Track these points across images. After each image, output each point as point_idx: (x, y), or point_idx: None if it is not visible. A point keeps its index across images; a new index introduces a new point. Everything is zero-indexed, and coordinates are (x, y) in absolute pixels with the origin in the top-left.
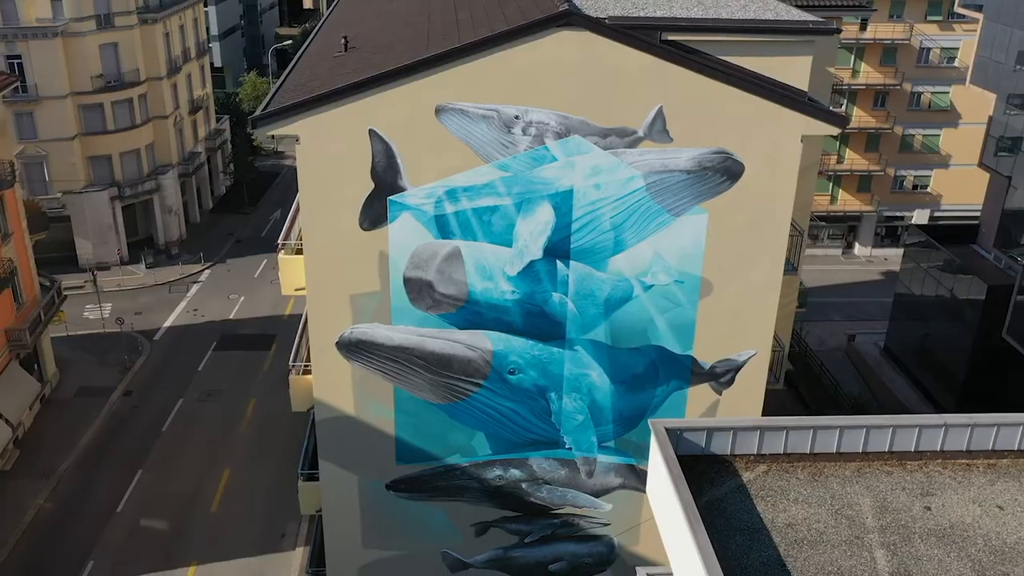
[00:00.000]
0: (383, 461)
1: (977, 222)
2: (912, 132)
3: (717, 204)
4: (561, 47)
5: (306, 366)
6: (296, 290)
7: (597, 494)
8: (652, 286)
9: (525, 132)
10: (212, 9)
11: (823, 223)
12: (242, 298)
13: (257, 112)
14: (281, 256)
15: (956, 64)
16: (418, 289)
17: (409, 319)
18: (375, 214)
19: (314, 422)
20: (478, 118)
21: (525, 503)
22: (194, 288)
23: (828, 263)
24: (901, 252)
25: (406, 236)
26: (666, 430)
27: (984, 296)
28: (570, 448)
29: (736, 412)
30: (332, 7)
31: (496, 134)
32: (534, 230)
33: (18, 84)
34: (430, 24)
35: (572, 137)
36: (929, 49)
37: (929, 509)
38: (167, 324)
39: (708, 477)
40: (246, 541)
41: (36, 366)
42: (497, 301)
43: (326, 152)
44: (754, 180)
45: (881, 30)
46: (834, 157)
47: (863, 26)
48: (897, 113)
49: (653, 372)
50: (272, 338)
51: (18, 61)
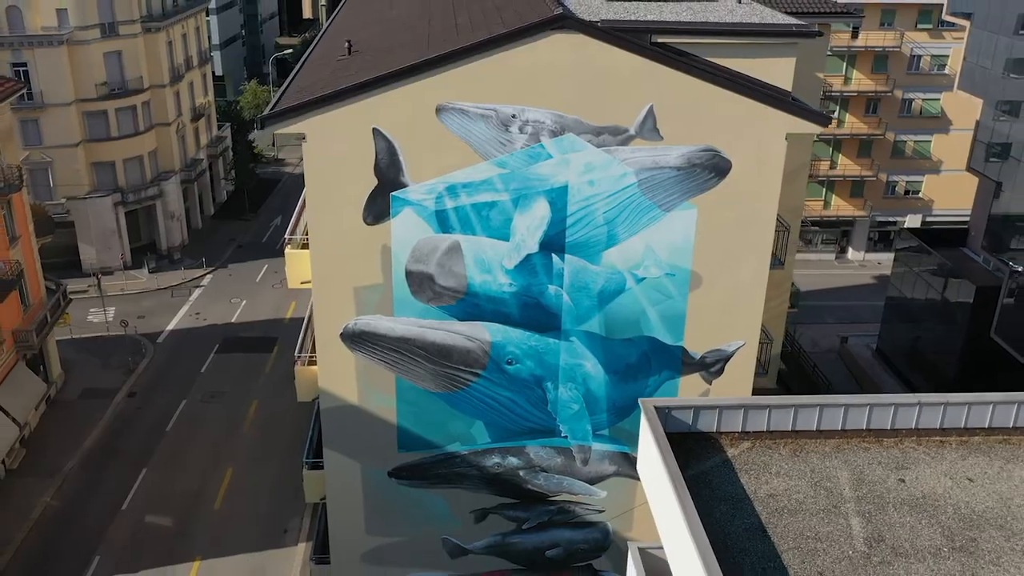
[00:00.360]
0: (385, 449)
1: (967, 226)
2: (904, 138)
3: (706, 200)
4: (556, 49)
5: (311, 357)
6: (302, 283)
7: (592, 481)
8: (644, 279)
9: (522, 131)
10: (213, 19)
11: (817, 228)
12: (244, 302)
13: (266, 111)
14: (288, 251)
15: (946, 71)
16: (419, 282)
17: (411, 311)
18: (378, 209)
19: (319, 411)
20: (477, 117)
21: (523, 490)
22: (196, 292)
23: (822, 267)
24: (893, 256)
25: (408, 231)
26: (655, 408)
27: (973, 297)
28: (566, 436)
29: None
30: (334, 15)
31: (494, 132)
32: (531, 225)
33: (24, 91)
34: (430, 28)
35: (567, 135)
36: (920, 56)
37: (903, 481)
38: (170, 327)
39: (695, 452)
40: (249, 537)
41: (42, 367)
42: (495, 293)
43: (331, 150)
44: (741, 177)
45: (872, 38)
46: (827, 163)
47: (855, 34)
48: (889, 119)
49: (646, 362)
50: (274, 341)
51: (24, 69)
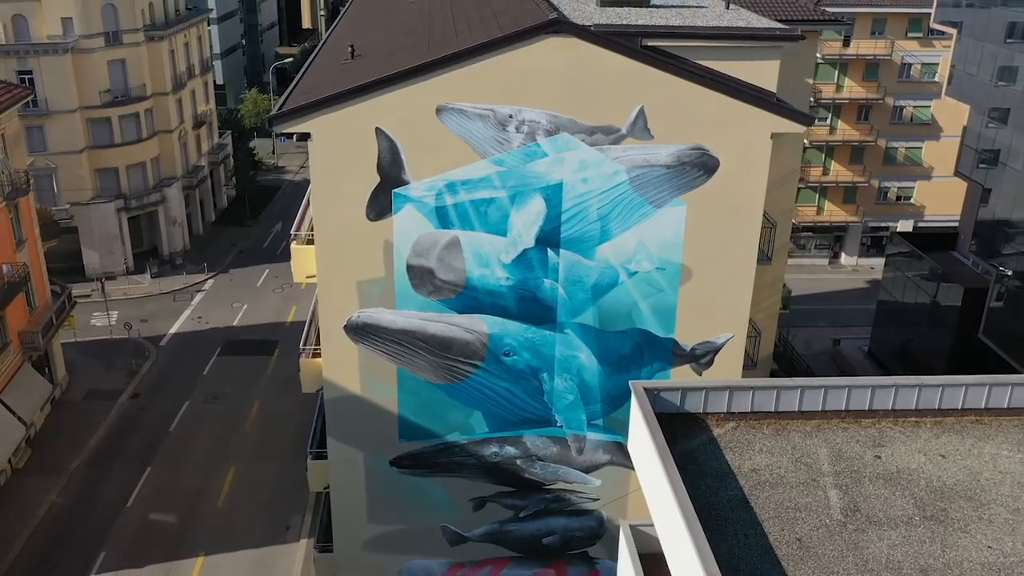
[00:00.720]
0: (387, 438)
1: (957, 230)
2: (895, 145)
3: (695, 196)
4: (550, 52)
5: (315, 349)
6: (307, 277)
7: (587, 470)
8: (636, 273)
9: (518, 130)
10: (215, 28)
11: (810, 233)
12: (245, 306)
13: (273, 111)
14: (294, 246)
15: (936, 79)
16: (420, 275)
17: (412, 304)
18: (380, 206)
19: (322, 404)
20: (475, 117)
21: (520, 479)
22: (198, 297)
23: (815, 272)
24: (884, 260)
25: (409, 226)
26: (645, 389)
27: (961, 300)
28: (561, 426)
29: None
30: (335, 23)
31: (492, 132)
32: (527, 220)
33: (29, 99)
34: (431, 34)
35: (561, 134)
36: (910, 64)
37: (879, 458)
38: (172, 331)
39: (682, 432)
40: (251, 534)
41: (47, 369)
42: (493, 287)
43: (336, 148)
44: (728, 174)
45: (864, 46)
46: (820, 169)
47: (846, 42)
48: (880, 126)
49: (638, 354)
50: (275, 344)
51: (29, 76)
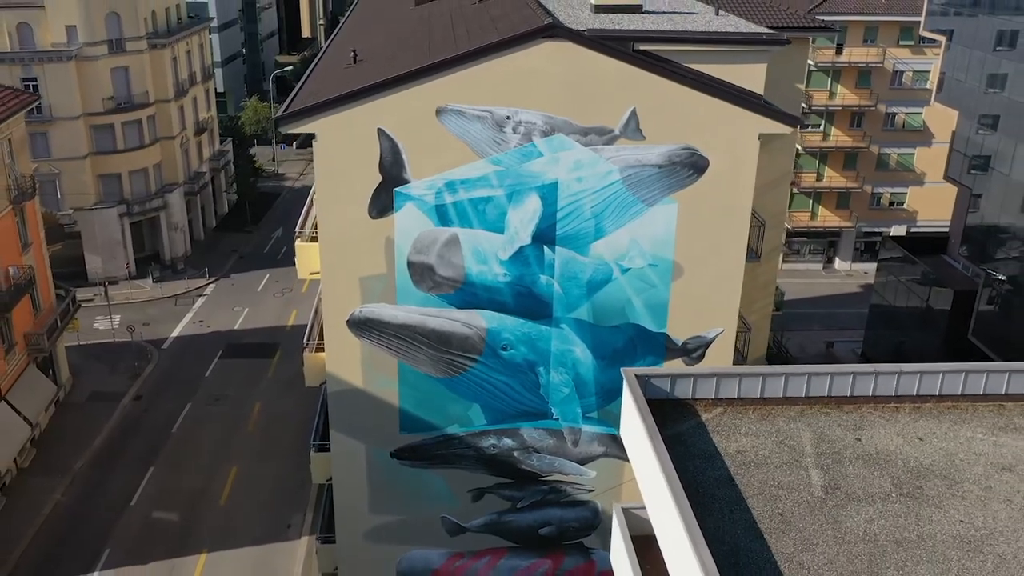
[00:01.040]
0: (388, 431)
1: (947, 234)
2: (888, 151)
3: (685, 195)
4: (546, 56)
5: (319, 344)
6: (311, 274)
7: (582, 462)
8: (629, 269)
9: (515, 131)
10: (216, 36)
11: (804, 238)
12: (246, 310)
13: (280, 112)
14: (298, 243)
15: (928, 86)
16: (420, 272)
17: (412, 299)
18: (382, 204)
19: (325, 398)
20: (474, 118)
21: (517, 470)
22: (200, 301)
23: (809, 276)
24: (877, 265)
25: (410, 224)
26: (636, 376)
27: (951, 302)
28: (557, 419)
29: None
30: (336, 30)
31: (490, 133)
32: (523, 218)
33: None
34: (431, 38)
35: (556, 135)
36: (902, 72)
37: (860, 440)
38: (174, 334)
39: (672, 416)
40: (253, 532)
41: (51, 371)
42: (491, 283)
43: (339, 148)
44: (718, 173)
45: (856, 54)
46: (814, 175)
47: (839, 50)
48: (873, 133)
49: (631, 348)
50: (275, 347)
51: (34, 83)
